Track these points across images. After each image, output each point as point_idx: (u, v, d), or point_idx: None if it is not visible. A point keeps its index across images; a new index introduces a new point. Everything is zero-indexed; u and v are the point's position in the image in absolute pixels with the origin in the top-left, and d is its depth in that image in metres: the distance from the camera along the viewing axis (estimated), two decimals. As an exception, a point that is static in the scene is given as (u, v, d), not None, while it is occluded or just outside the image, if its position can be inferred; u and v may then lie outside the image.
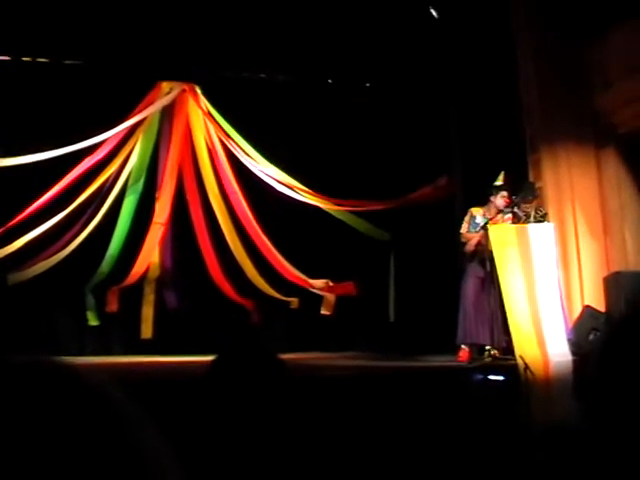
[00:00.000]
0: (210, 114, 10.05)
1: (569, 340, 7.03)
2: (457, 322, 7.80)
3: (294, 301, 9.65)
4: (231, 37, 9.58)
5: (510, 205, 7.70)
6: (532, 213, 7.65)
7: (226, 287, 9.74)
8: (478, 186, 8.19)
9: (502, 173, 7.83)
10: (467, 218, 7.97)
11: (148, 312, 9.54)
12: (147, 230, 9.64)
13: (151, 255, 9.73)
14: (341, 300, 9.65)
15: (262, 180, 9.81)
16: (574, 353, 6.83)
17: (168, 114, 10.04)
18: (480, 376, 6.01)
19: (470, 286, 7.82)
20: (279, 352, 2.00)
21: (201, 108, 10.04)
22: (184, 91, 10.01)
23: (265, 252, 9.88)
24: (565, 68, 8.65)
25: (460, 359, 7.68)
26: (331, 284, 9.71)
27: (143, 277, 9.63)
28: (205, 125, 10.13)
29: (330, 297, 9.67)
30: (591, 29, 8.58)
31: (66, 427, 0.63)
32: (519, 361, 6.46)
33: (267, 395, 1.77)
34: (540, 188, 8.47)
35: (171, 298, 9.73)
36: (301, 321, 9.69)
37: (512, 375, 6.12)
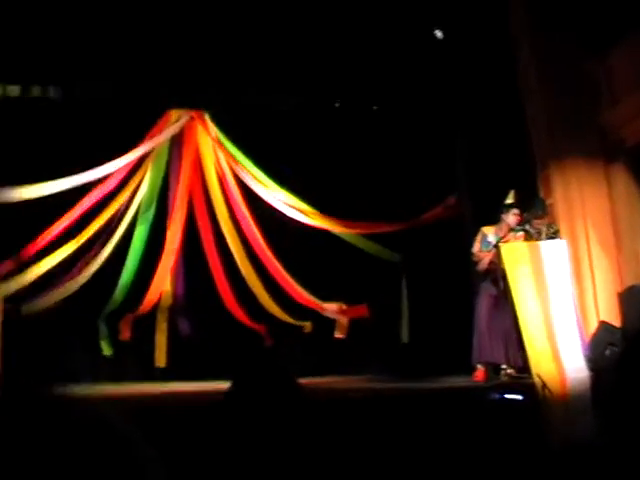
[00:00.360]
0: (219, 140, 10.09)
1: (585, 356, 6.98)
2: (472, 342, 7.77)
3: (307, 325, 9.64)
4: (238, 63, 9.65)
5: (521, 223, 7.69)
6: (544, 230, 7.63)
7: (239, 313, 9.74)
8: (488, 205, 8.19)
9: (512, 191, 7.84)
10: (479, 237, 7.96)
11: (162, 340, 9.55)
12: (159, 258, 9.67)
13: (164, 283, 9.76)
14: (354, 323, 9.63)
15: (272, 205, 9.84)
16: (591, 369, 6.78)
17: (177, 142, 10.09)
18: (497, 395, 5.97)
19: (484, 305, 7.79)
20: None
21: (210, 135, 10.08)
22: (192, 118, 10.06)
23: (277, 277, 9.88)
24: (571, 84, 8.66)
25: (476, 379, 7.64)
26: (344, 307, 9.70)
27: (156, 305, 9.65)
28: (214, 151, 10.17)
29: (343, 320, 9.65)
30: (596, 44, 8.60)
31: (63, 451, 0.64)
32: (536, 379, 6.42)
33: (286, 419, 1.77)
34: (551, 205, 8.46)
35: (184, 325, 9.74)
36: (315, 345, 9.66)
37: (530, 394, 6.08)
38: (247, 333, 9.55)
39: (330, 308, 9.71)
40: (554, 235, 7.67)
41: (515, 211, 7.74)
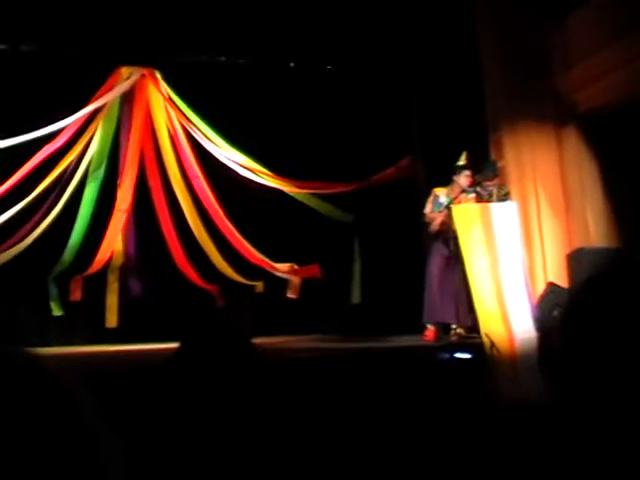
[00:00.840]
0: (171, 99, 9.96)
1: (533, 317, 7.10)
2: (422, 302, 7.85)
3: (259, 285, 9.65)
4: (191, 20, 9.48)
5: (473, 184, 7.75)
6: (495, 192, 7.70)
7: (190, 273, 9.71)
8: (441, 166, 8.22)
9: (465, 153, 7.88)
10: (430, 198, 8.00)
11: (112, 300, 9.48)
12: (109, 217, 9.56)
13: (114, 243, 9.66)
14: (307, 283, 9.66)
15: (224, 164, 9.77)
16: (538, 329, 6.90)
17: (128, 100, 9.94)
18: (446, 355, 6.06)
19: (435, 266, 7.87)
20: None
21: (161, 93, 9.95)
22: (144, 76, 9.91)
23: (229, 236, 9.85)
24: (526, 48, 8.69)
25: (426, 338, 7.74)
26: (296, 267, 9.72)
27: (106, 265, 9.56)
28: (166, 110, 10.05)
29: (295, 280, 9.68)
30: (552, 10, 8.64)
31: (20, 411, 0.63)
32: (485, 339, 6.52)
33: (239, 379, 1.76)
34: (502, 167, 8.52)
35: (135, 285, 9.68)
36: (267, 305, 9.68)
37: (478, 353, 6.17)
38: (199, 293, 9.53)
39: (282, 268, 9.73)
40: (505, 197, 7.74)
41: (467, 173, 7.78)
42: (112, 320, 9.38)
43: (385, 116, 10.13)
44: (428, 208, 7.97)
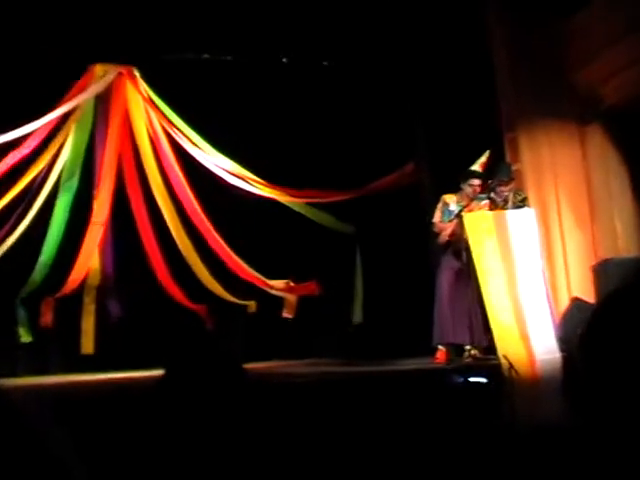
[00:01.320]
0: (151, 99, 9.97)
1: (556, 335, 7.09)
2: (432, 321, 7.83)
3: (252, 304, 9.64)
4: (172, 14, 9.49)
5: (486, 190, 7.74)
6: (510, 198, 7.69)
7: (176, 292, 9.70)
8: (449, 171, 8.21)
9: (487, 152, 7.81)
10: (440, 206, 7.98)
11: (88, 324, 9.45)
12: (85, 231, 9.55)
13: (90, 259, 9.65)
14: (304, 301, 9.65)
15: (211, 171, 9.77)
16: (562, 350, 6.89)
17: (104, 101, 9.95)
18: (460, 378, 6.04)
19: (445, 281, 7.85)
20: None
21: (140, 93, 9.96)
22: (121, 74, 9.93)
23: (218, 251, 9.84)
24: (540, 40, 8.70)
25: (437, 361, 7.72)
26: (292, 284, 9.71)
27: (82, 285, 9.54)
28: (146, 112, 10.06)
29: (291, 298, 9.68)
30: (565, 3, 8.66)
31: None
32: (502, 361, 6.51)
33: (228, 408, 1.76)
34: (518, 170, 8.51)
35: (114, 307, 9.66)
36: (260, 326, 9.67)
37: (495, 376, 6.16)
38: (185, 315, 9.52)
39: (277, 285, 9.73)
40: (522, 203, 7.73)
41: (474, 181, 7.73)
42: (88, 346, 9.36)
43: (387, 116, 10.13)
44: (437, 217, 7.96)
